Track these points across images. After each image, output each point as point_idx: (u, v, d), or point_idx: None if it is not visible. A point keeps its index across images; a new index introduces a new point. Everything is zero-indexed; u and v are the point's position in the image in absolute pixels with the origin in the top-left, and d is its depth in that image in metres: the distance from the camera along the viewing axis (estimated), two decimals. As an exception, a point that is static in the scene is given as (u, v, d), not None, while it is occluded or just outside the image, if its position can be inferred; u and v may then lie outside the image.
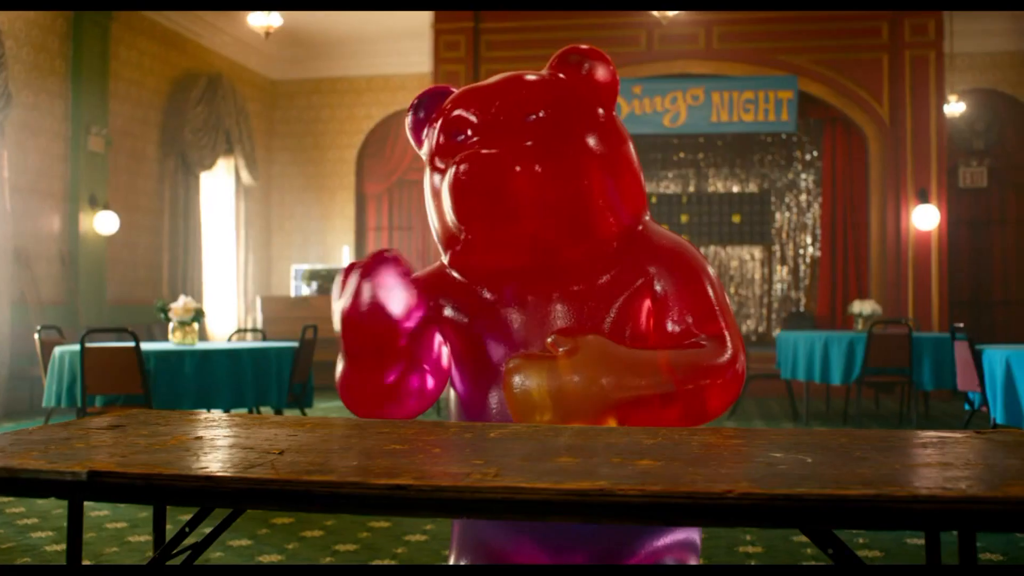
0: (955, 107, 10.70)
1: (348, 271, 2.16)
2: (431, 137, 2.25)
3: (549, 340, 2.03)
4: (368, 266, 2.12)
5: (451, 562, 2.27)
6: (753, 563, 3.75)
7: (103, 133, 9.75)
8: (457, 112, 2.19)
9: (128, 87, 10.48)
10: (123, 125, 10.36)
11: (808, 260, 12.47)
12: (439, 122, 2.23)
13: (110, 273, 10.01)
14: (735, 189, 12.70)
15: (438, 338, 2.23)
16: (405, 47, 12.67)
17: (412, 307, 2.12)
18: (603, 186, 2.12)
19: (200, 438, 1.72)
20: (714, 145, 12.62)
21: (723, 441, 1.72)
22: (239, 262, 12.35)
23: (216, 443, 1.67)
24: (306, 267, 12.47)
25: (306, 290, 12.22)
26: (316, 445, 1.67)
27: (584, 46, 2.29)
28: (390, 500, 1.31)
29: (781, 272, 12.61)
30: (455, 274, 2.24)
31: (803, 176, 12.46)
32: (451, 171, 2.06)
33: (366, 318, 2.10)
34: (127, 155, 10.47)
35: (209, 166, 11.47)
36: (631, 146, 2.26)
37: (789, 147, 12.39)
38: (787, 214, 12.56)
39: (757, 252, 12.68)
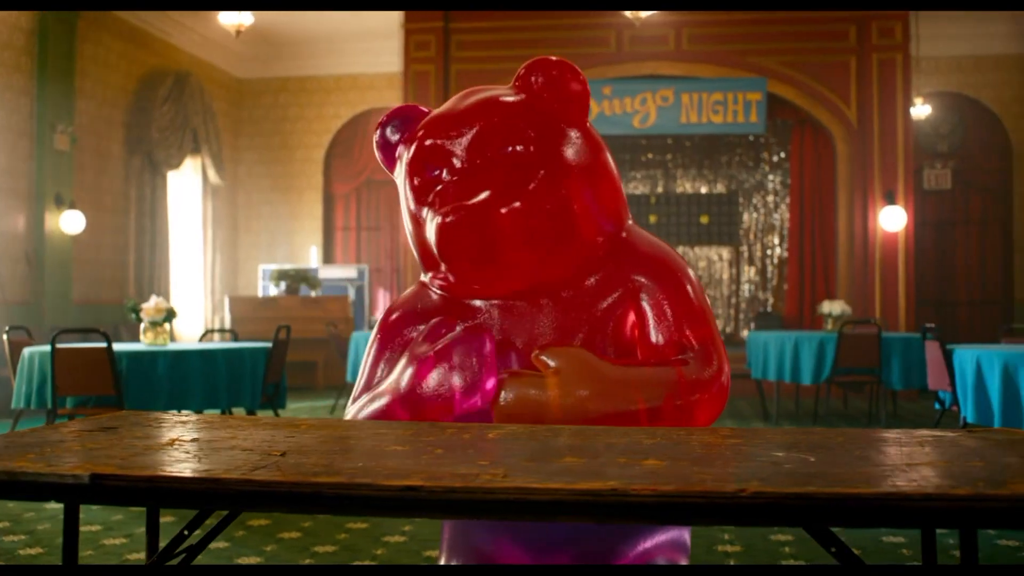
0: (921, 110, 10.83)
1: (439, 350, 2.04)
2: (404, 166, 2.20)
3: (534, 355, 2.02)
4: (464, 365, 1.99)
5: (442, 563, 2.26)
6: (732, 562, 3.77)
7: (69, 131, 9.63)
8: (430, 142, 2.14)
9: (94, 85, 10.36)
10: (89, 123, 10.24)
11: (775, 261, 12.57)
12: (413, 150, 2.18)
13: (76, 273, 9.90)
14: (703, 190, 12.78)
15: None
16: (374, 47, 12.62)
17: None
18: (587, 204, 2.11)
19: (196, 440, 1.70)
20: (682, 146, 12.68)
21: (722, 441, 1.72)
22: (206, 262, 12.25)
23: (214, 445, 1.65)
24: (274, 267, 12.38)
25: (274, 290, 12.14)
26: (316, 446, 1.65)
27: (553, 58, 2.24)
28: (401, 501, 1.30)
29: (749, 272, 12.70)
30: (437, 291, 2.22)
31: (770, 177, 12.56)
32: (436, 220, 2.02)
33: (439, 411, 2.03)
34: (93, 154, 10.35)
35: (176, 165, 11.37)
36: (607, 153, 2.24)
37: (757, 148, 12.48)
38: (755, 215, 12.65)
39: (725, 253, 12.77)
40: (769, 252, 12.61)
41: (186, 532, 1.60)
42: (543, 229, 2.05)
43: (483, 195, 2.03)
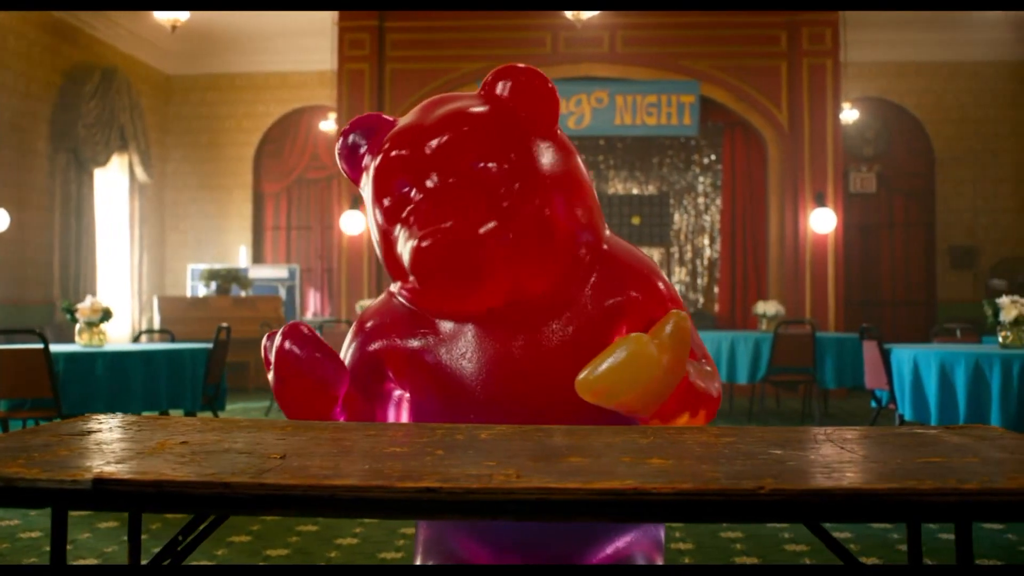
0: (849, 114, 11.06)
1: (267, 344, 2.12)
2: (371, 180, 2.14)
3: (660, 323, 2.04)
4: (280, 351, 2.05)
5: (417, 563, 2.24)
6: (687, 560, 3.81)
7: (-8, 126, 9.35)
8: (398, 157, 2.08)
9: (16, 79, 10.06)
10: (11, 119, 9.95)
11: (706, 262, 12.72)
12: (379, 165, 2.12)
13: (-1, 272, 9.62)
14: (635, 191, 12.88)
15: (392, 391, 2.21)
16: (306, 44, 12.47)
17: (333, 380, 2.06)
18: (564, 216, 2.06)
19: (186, 443, 1.66)
20: (615, 148, 12.77)
21: (716, 439, 1.73)
22: (133, 261, 11.99)
23: (206, 448, 1.61)
24: (203, 267, 12.17)
25: (203, 290, 11.93)
26: (310, 448, 1.63)
27: (520, 65, 2.19)
28: (418, 503, 1.28)
29: (680, 273, 12.84)
30: (401, 300, 2.18)
31: (701, 179, 12.71)
32: (411, 244, 1.97)
33: (296, 399, 2.07)
34: (15, 150, 10.05)
35: (103, 163, 11.10)
36: (578, 158, 2.21)
37: (688, 150, 12.62)
38: (685, 216, 12.79)
39: (656, 253, 12.88)
40: (700, 253, 12.77)
41: (180, 538, 1.56)
42: (522, 246, 1.99)
43: (456, 216, 1.97)
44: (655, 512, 1.30)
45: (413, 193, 2.04)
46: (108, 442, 1.66)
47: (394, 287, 2.20)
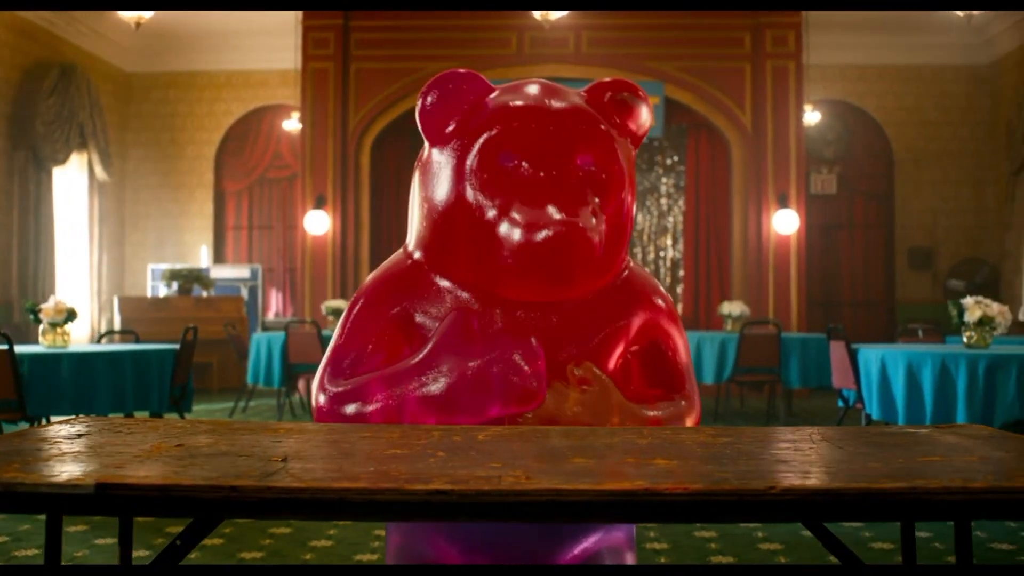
0: (811, 116, 11.16)
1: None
2: (470, 146, 2.05)
3: (570, 368, 2.03)
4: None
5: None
6: (663, 560, 3.82)
7: (-52, 124, 9.18)
8: (513, 129, 2.03)
9: (-26, 75, 9.91)
10: (-31, 116, 9.79)
11: (668, 263, 12.79)
12: (489, 134, 2.04)
13: (-45, 272, 9.45)
14: (599, 192, 12.92)
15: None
16: (268, 43, 12.37)
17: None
18: (631, 224, 2.17)
19: (181, 445, 1.64)
20: (579, 148, 12.80)
21: (713, 440, 1.74)
22: (92, 261, 11.83)
23: (203, 451, 1.59)
24: (165, 267, 12.04)
25: (164, 290, 11.80)
26: (309, 451, 1.61)
27: (627, 80, 2.19)
28: (429, 505, 1.27)
29: (643, 274, 12.89)
30: (437, 279, 2.13)
31: (664, 180, 12.77)
32: (523, 233, 1.94)
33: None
34: (-27, 147, 9.90)
35: (62, 161, 10.94)
36: None
37: (652, 151, 12.68)
38: (649, 217, 12.85)
39: (620, 254, 12.93)
40: (663, 254, 12.82)
41: (178, 542, 1.53)
42: (608, 255, 2.06)
43: (570, 210, 1.96)
44: (666, 513, 1.30)
45: (524, 167, 2.00)
46: (101, 446, 1.64)
47: (418, 253, 2.16)
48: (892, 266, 12.50)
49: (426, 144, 2.18)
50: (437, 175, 2.10)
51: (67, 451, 1.58)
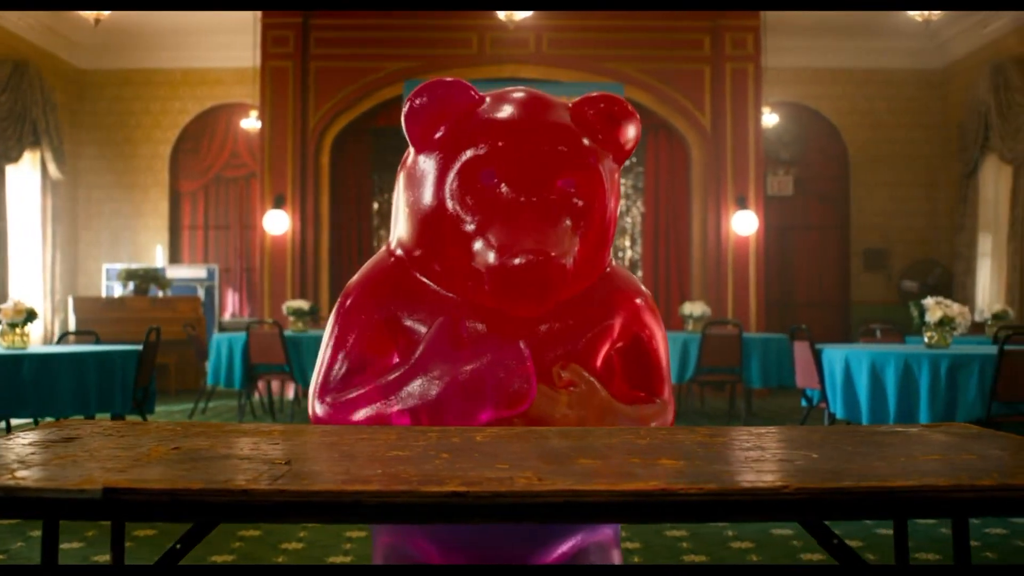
0: (769, 118, 11.27)
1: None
2: (451, 160, 2.05)
3: (555, 369, 2.04)
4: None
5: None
6: (637, 560, 3.84)
7: (-102, 120, 8.98)
8: (495, 148, 2.02)
9: (-76, 71, 9.70)
10: (-81, 112, 9.58)
11: (627, 263, 12.84)
12: (471, 151, 2.03)
13: (-95, 272, 9.24)
14: (559, 193, 12.95)
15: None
16: (225, 40, 12.24)
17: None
18: (610, 241, 2.19)
19: (178, 448, 1.62)
20: (539, 149, 12.82)
21: (711, 440, 1.75)
22: (45, 261, 11.63)
23: (203, 455, 1.57)
24: (119, 266, 11.87)
25: (119, 290, 11.64)
26: (310, 453, 1.60)
27: (611, 95, 2.18)
28: (446, 508, 1.27)
29: (602, 274, 12.94)
30: (421, 277, 2.14)
31: (623, 181, 12.83)
32: (497, 257, 1.95)
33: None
34: (-77, 145, 9.69)
35: (15, 159, 10.75)
36: None
37: (611, 153, 12.74)
38: (608, 218, 12.90)
39: (579, 255, 12.96)
40: (622, 254, 12.88)
41: (178, 546, 1.51)
42: (583, 274, 2.09)
43: (544, 236, 1.97)
44: (681, 513, 1.31)
45: (503, 189, 2.01)
46: (97, 450, 1.61)
47: (400, 251, 2.16)
48: (847, 267, 12.66)
49: (411, 148, 2.18)
50: (421, 182, 2.10)
51: (65, 456, 1.55)
